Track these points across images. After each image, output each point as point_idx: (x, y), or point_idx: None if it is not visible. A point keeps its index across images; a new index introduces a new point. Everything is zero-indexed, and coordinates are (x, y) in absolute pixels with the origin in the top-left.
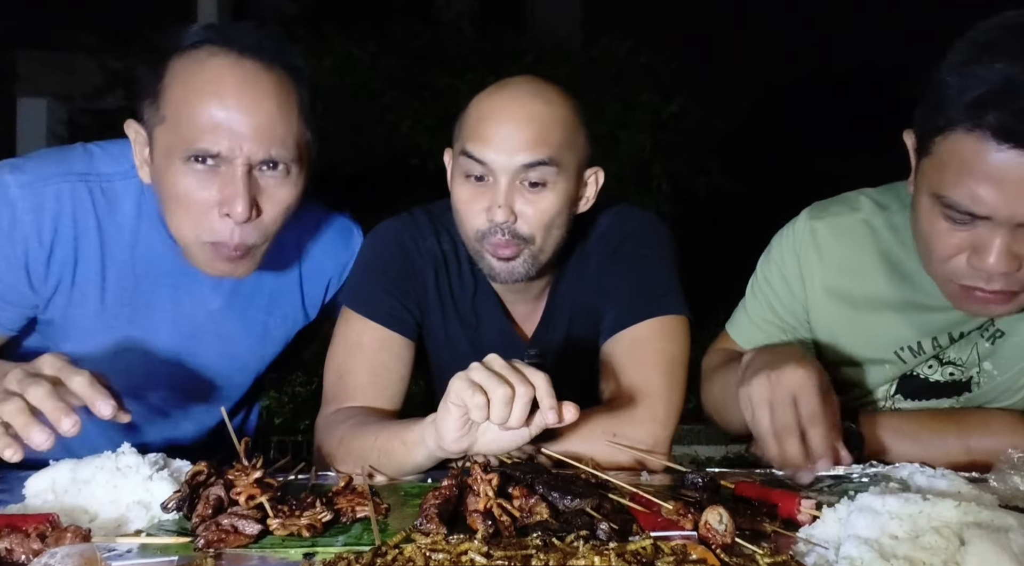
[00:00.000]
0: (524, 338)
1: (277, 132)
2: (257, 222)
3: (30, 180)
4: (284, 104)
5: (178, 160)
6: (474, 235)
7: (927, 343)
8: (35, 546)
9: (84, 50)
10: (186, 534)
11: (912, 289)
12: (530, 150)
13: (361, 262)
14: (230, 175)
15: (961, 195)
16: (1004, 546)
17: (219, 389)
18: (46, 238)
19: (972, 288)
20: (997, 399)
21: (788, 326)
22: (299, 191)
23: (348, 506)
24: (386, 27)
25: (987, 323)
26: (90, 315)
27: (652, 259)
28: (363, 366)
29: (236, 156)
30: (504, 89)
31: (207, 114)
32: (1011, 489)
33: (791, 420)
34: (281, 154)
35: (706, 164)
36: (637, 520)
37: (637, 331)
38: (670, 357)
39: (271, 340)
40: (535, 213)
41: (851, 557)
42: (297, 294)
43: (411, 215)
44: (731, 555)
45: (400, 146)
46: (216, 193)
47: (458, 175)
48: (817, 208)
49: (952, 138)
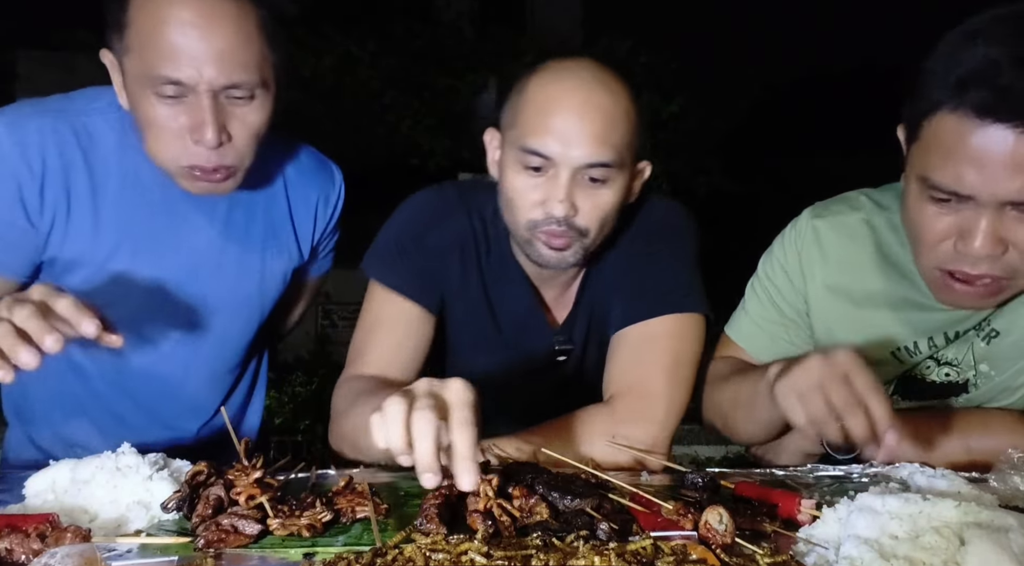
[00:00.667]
0: (554, 325)
1: (238, 57)
2: (230, 145)
3: (10, 119)
4: (244, 29)
5: (147, 89)
6: (526, 224)
7: (923, 343)
8: (35, 546)
9: (84, 50)
10: (186, 534)
11: (910, 287)
12: (596, 147)
13: (388, 232)
14: (196, 103)
15: (945, 175)
16: (1004, 546)
17: (227, 323)
18: (36, 168)
19: (956, 274)
20: (995, 399)
21: (791, 322)
22: (268, 113)
23: (348, 506)
24: (386, 27)
25: (982, 323)
26: (88, 250)
27: (669, 252)
28: (383, 337)
29: (198, 82)
30: (566, 76)
31: (167, 42)
32: (1011, 489)
33: (850, 396)
34: (244, 79)
35: (706, 164)
36: (637, 520)
37: (646, 327)
38: (677, 357)
39: (270, 273)
40: (593, 208)
41: (851, 557)
42: (289, 226)
43: (442, 189)
44: (731, 555)
45: (400, 146)
46: (186, 121)
47: (512, 164)
48: (818, 207)
49: (936, 120)
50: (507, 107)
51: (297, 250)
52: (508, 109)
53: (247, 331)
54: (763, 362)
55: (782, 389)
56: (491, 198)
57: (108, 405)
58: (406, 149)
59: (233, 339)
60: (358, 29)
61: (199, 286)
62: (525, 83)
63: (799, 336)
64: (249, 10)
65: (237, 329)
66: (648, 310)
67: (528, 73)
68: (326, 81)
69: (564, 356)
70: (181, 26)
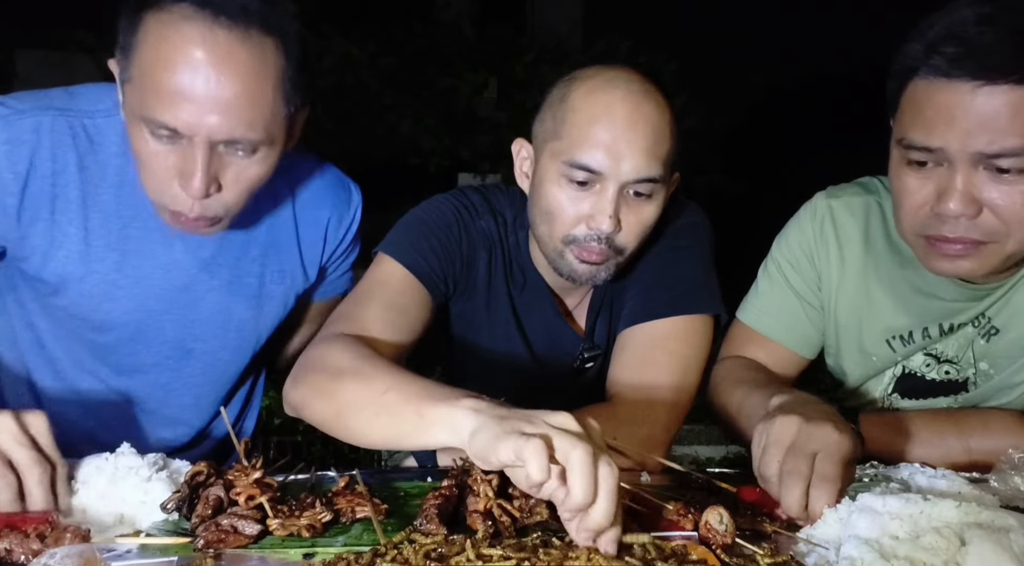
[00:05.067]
0: (579, 332)
1: (244, 114)
2: (218, 197)
3: (6, 113)
4: (258, 81)
5: (142, 125)
6: (563, 238)
7: (918, 333)
8: (34, 546)
9: (84, 50)
10: (186, 534)
11: (913, 272)
12: (645, 161)
13: (413, 220)
14: (190, 150)
15: (917, 132)
16: (1005, 546)
17: (216, 350)
18: (20, 169)
19: (937, 238)
20: (994, 397)
21: (804, 302)
22: (269, 166)
23: (348, 506)
24: (386, 27)
25: (980, 318)
26: (75, 259)
27: (683, 252)
28: (381, 299)
29: (195, 134)
30: (612, 87)
31: (169, 86)
32: (1012, 489)
33: (804, 468)
34: (247, 136)
35: (706, 164)
36: (637, 520)
37: (654, 328)
38: (684, 360)
39: (268, 298)
40: (636, 223)
41: (851, 557)
42: (294, 248)
43: (465, 194)
44: (731, 555)
45: (400, 146)
46: (175, 162)
47: (555, 177)
48: (833, 189)
49: (911, 86)
50: (544, 117)
51: (302, 273)
52: (547, 119)
53: (238, 359)
54: (777, 342)
55: (759, 429)
56: (510, 203)
57: (71, 422)
58: (406, 149)
59: (221, 366)
60: (358, 29)
61: (185, 309)
62: (566, 93)
63: (812, 314)
64: (270, 59)
65: (227, 356)
66: (657, 311)
67: (567, 81)
68: (326, 81)
69: (592, 362)
70: (186, 68)
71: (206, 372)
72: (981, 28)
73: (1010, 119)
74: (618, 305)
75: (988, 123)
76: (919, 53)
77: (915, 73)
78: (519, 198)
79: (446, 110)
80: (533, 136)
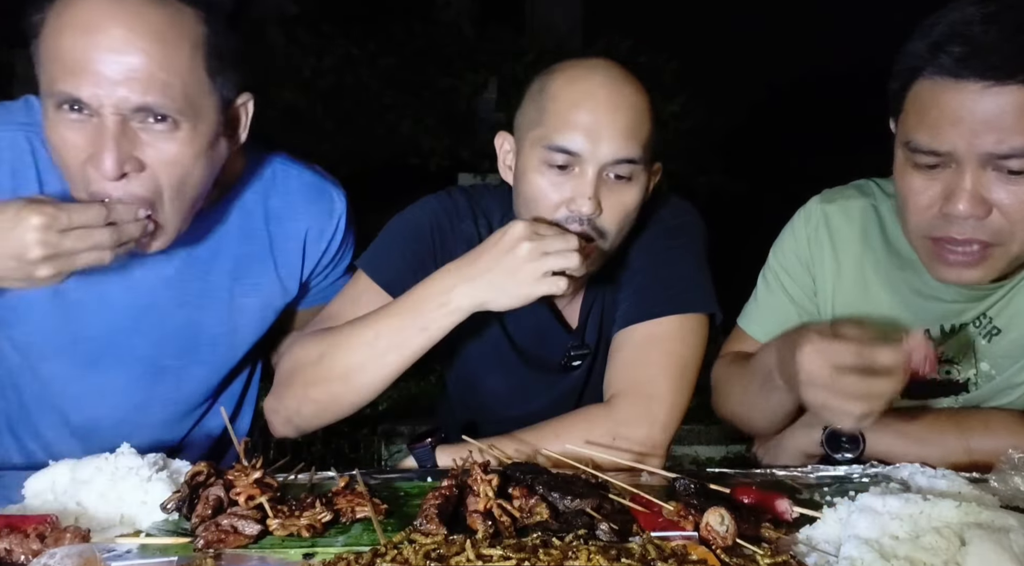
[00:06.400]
0: (568, 329)
1: (158, 77)
2: (140, 177)
3: None
4: (173, 44)
5: (50, 108)
6: None
7: None
8: (34, 546)
9: None
10: (186, 534)
11: (912, 274)
12: (623, 142)
13: (390, 231)
14: (99, 126)
15: (924, 135)
16: (1005, 546)
17: (189, 365)
18: None
19: (945, 241)
20: (995, 397)
21: (801, 309)
22: (197, 150)
23: (348, 506)
24: (386, 27)
25: (981, 318)
26: None
27: (678, 251)
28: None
29: (103, 103)
30: (591, 74)
31: (71, 53)
32: (1012, 490)
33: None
34: (163, 103)
35: (706, 164)
36: (637, 520)
37: (650, 328)
38: (681, 360)
39: (240, 311)
40: (618, 206)
41: (852, 557)
42: (268, 260)
43: (450, 195)
44: (731, 555)
45: (400, 146)
46: (85, 147)
47: (535, 164)
48: (828, 193)
49: (916, 87)
50: (526, 109)
51: (279, 287)
52: (528, 110)
53: (212, 374)
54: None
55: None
56: (498, 203)
57: (35, 426)
58: (406, 149)
59: (193, 382)
60: (358, 29)
61: (151, 327)
62: (546, 83)
63: (808, 320)
64: (187, 26)
65: (201, 372)
66: (653, 310)
67: (546, 74)
68: (326, 81)
69: (580, 361)
70: (89, 34)
71: (177, 390)
72: (986, 27)
73: (1018, 119)
74: (611, 305)
75: (996, 123)
76: (923, 53)
77: (920, 73)
78: (508, 195)
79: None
80: (515, 128)
